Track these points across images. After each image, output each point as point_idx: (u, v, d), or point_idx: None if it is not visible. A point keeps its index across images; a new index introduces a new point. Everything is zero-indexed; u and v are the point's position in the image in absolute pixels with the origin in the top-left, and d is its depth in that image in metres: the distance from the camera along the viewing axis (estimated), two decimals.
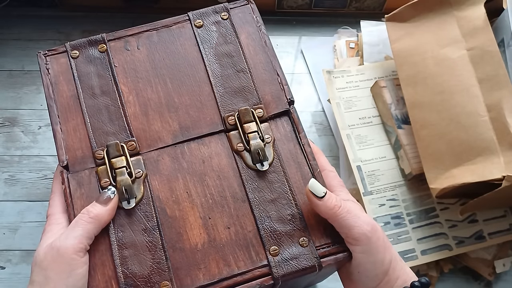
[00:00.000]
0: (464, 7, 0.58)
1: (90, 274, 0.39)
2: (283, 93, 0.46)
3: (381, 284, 0.39)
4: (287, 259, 0.40)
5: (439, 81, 0.56)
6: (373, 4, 0.74)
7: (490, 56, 0.54)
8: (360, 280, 0.40)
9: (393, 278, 0.39)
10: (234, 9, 0.50)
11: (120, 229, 0.40)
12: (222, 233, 0.41)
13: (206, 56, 0.47)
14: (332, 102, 0.65)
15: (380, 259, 0.39)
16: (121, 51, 0.47)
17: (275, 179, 0.43)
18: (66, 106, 0.45)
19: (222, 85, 0.46)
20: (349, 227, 0.38)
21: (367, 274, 0.39)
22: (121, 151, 0.42)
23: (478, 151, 0.53)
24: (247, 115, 0.44)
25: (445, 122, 0.55)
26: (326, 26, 0.75)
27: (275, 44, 0.72)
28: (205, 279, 0.39)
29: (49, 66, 0.46)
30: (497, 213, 0.61)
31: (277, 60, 0.48)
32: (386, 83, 0.64)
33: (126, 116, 0.44)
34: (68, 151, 0.43)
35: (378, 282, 0.39)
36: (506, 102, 0.52)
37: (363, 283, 0.40)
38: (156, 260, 0.39)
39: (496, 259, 0.59)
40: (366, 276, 0.40)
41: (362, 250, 0.39)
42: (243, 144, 0.43)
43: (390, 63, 0.68)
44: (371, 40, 0.70)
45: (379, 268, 0.39)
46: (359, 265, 0.39)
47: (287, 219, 0.41)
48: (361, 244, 0.38)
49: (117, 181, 0.41)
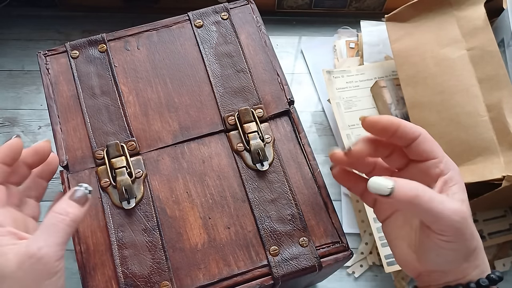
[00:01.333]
0: (464, 7, 0.58)
1: (90, 274, 0.39)
2: (283, 93, 0.46)
3: (458, 269, 0.35)
4: (287, 259, 0.40)
5: (439, 81, 0.56)
6: (373, 4, 0.74)
7: (490, 56, 0.54)
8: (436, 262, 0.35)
9: (472, 266, 0.35)
10: (234, 9, 0.50)
11: (120, 229, 0.40)
12: (222, 233, 0.41)
13: (206, 56, 0.47)
14: (332, 102, 0.65)
15: (465, 247, 0.34)
16: (121, 51, 0.47)
17: (275, 179, 0.43)
18: (66, 106, 0.45)
19: (222, 85, 0.46)
20: (433, 219, 0.32)
21: (447, 259, 0.34)
22: (121, 151, 0.42)
23: (478, 151, 0.53)
24: (247, 115, 0.44)
25: (445, 122, 0.55)
26: (326, 26, 0.75)
27: (275, 44, 0.72)
28: (205, 279, 0.39)
29: (49, 66, 0.46)
30: (497, 213, 0.61)
31: (277, 60, 0.48)
32: (386, 83, 0.64)
33: (126, 116, 0.44)
34: (68, 151, 0.43)
35: (456, 267, 0.35)
36: (506, 102, 0.52)
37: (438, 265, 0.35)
38: (156, 260, 0.39)
39: (496, 259, 0.59)
40: (445, 260, 0.35)
41: (448, 240, 0.33)
42: (243, 144, 0.43)
43: (390, 63, 0.68)
44: (371, 40, 0.70)
45: (461, 255, 0.34)
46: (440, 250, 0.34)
47: (287, 219, 0.41)
48: (447, 235, 0.33)
49: (117, 181, 0.41)
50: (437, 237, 0.33)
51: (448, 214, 0.32)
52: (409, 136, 0.35)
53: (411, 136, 0.35)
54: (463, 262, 0.34)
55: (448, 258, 0.34)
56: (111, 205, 0.41)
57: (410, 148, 0.36)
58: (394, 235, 0.38)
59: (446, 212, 0.32)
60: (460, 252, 0.34)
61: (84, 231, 0.40)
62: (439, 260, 0.35)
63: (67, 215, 0.34)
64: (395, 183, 0.32)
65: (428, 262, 0.35)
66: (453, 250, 0.34)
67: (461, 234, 0.33)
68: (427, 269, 0.36)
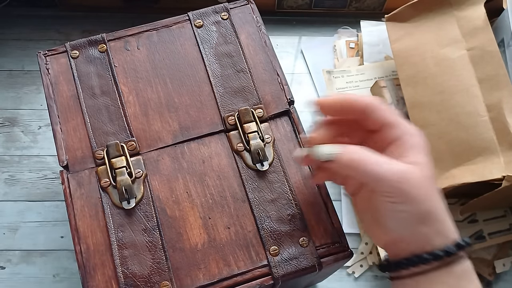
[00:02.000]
0: (464, 7, 0.58)
1: (90, 274, 0.39)
2: (283, 93, 0.46)
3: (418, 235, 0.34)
4: (287, 259, 0.40)
5: (439, 81, 0.56)
6: (373, 4, 0.74)
7: (490, 56, 0.54)
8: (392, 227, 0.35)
9: (433, 231, 0.34)
10: (234, 9, 0.50)
11: (120, 229, 0.40)
12: (222, 233, 0.41)
13: (206, 56, 0.47)
14: None
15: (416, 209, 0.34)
16: (121, 51, 0.47)
17: (275, 179, 0.43)
18: (66, 106, 0.45)
19: (222, 85, 0.46)
20: (372, 181, 0.34)
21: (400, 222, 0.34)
22: (121, 151, 0.42)
23: (478, 151, 0.53)
24: (247, 115, 0.44)
25: (445, 122, 0.55)
26: (326, 26, 0.75)
27: (275, 44, 0.72)
28: (205, 279, 0.39)
29: (49, 66, 0.46)
30: (497, 213, 0.61)
31: (277, 60, 0.48)
32: (386, 83, 0.64)
33: (126, 116, 0.44)
34: (68, 151, 0.43)
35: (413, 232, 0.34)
36: (506, 102, 0.52)
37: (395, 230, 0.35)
38: (156, 260, 0.39)
39: (496, 259, 0.59)
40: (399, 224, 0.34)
41: (393, 201, 0.34)
42: (243, 144, 0.43)
43: (390, 63, 0.68)
44: (371, 40, 0.70)
45: (414, 217, 0.34)
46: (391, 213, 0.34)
47: (287, 219, 0.41)
48: (391, 196, 0.33)
49: (117, 181, 0.41)
50: (384, 199, 0.34)
51: (386, 175, 0.33)
52: (357, 109, 0.36)
53: (358, 108, 0.36)
54: (419, 226, 0.34)
55: (401, 222, 0.34)
56: (111, 205, 0.41)
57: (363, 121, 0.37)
58: (361, 208, 0.39)
59: (383, 173, 0.33)
60: (411, 214, 0.34)
61: (84, 231, 0.40)
62: (394, 225, 0.35)
63: None
64: (343, 149, 0.34)
65: (386, 228, 0.35)
66: (403, 211, 0.34)
67: (405, 194, 0.33)
68: (390, 237, 0.36)
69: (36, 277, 0.58)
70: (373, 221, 0.37)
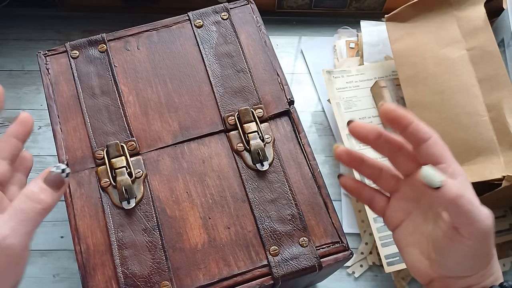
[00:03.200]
0: (464, 7, 0.58)
1: (90, 274, 0.39)
2: (283, 93, 0.46)
3: (475, 276, 0.34)
4: (287, 259, 0.40)
5: (439, 81, 0.56)
6: (373, 4, 0.74)
7: (490, 56, 0.54)
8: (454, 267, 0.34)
9: (488, 273, 0.34)
10: (234, 9, 0.50)
11: (120, 229, 0.40)
12: (222, 233, 0.41)
13: (206, 56, 0.47)
14: (332, 102, 0.65)
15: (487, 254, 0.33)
16: (121, 51, 0.47)
17: (275, 179, 0.43)
18: (66, 106, 0.45)
19: (222, 85, 0.46)
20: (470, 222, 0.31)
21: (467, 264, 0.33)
22: (121, 151, 0.42)
23: (478, 151, 0.53)
24: (247, 115, 0.44)
25: (445, 122, 0.55)
26: (326, 26, 0.75)
27: (275, 44, 0.72)
28: (205, 279, 0.39)
29: (49, 66, 0.46)
30: (497, 213, 0.61)
31: (277, 60, 0.48)
32: (386, 83, 0.64)
33: (126, 116, 0.44)
34: (68, 151, 0.43)
35: (474, 274, 0.34)
36: (506, 102, 0.52)
37: (456, 271, 0.34)
38: (156, 260, 0.39)
39: None
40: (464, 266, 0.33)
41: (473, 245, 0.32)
42: (243, 144, 0.43)
43: (390, 63, 0.68)
44: (371, 40, 0.70)
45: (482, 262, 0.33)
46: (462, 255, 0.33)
47: (287, 219, 0.41)
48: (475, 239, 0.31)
49: (117, 181, 0.41)
50: (464, 241, 0.32)
51: (483, 218, 0.31)
52: (420, 136, 0.34)
53: (422, 135, 0.34)
54: (479, 268, 0.34)
55: (468, 264, 0.33)
56: (111, 205, 0.41)
57: (420, 150, 0.35)
58: (405, 243, 0.37)
59: (481, 216, 0.31)
60: (481, 259, 0.33)
61: (84, 231, 0.40)
62: (458, 266, 0.34)
63: (39, 202, 0.30)
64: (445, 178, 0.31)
65: (446, 267, 0.34)
66: (475, 256, 0.33)
67: (487, 239, 0.32)
68: (442, 275, 0.35)
69: (36, 277, 0.58)
70: (421, 257, 0.35)
